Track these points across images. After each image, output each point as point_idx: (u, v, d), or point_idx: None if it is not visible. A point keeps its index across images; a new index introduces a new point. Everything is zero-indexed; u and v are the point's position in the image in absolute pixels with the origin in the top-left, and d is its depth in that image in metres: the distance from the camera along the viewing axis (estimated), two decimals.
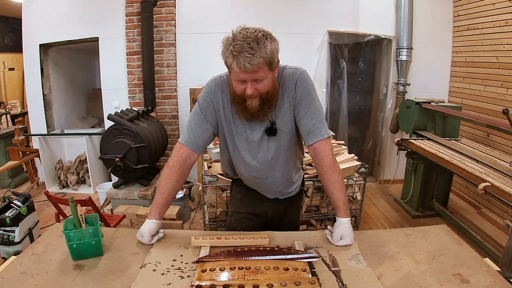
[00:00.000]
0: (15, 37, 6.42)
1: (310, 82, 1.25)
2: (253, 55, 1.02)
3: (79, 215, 1.18)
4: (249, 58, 1.02)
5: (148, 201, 3.07)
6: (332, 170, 1.25)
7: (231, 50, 1.04)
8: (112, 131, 3.00)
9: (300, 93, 1.23)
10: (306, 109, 1.23)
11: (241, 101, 1.16)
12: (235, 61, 1.03)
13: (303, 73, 1.24)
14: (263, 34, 1.06)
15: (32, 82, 4.01)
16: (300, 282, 1.00)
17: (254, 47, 1.02)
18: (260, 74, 1.08)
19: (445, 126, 3.29)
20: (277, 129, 1.25)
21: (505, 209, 2.99)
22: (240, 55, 1.02)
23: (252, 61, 1.02)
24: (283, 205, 1.48)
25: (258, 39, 1.04)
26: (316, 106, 1.25)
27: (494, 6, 3.24)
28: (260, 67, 1.05)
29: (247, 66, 1.03)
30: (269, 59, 1.06)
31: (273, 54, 1.07)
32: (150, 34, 3.58)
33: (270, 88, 1.15)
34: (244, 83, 1.11)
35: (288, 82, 1.23)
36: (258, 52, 1.03)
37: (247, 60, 1.02)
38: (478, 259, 1.15)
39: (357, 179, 2.49)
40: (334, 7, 3.77)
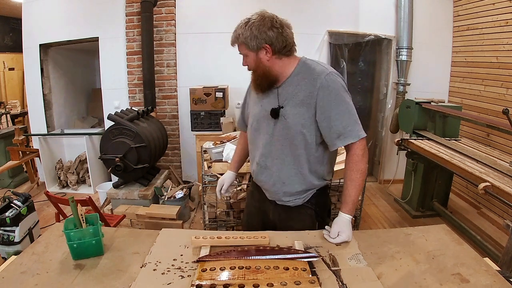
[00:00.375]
0: (15, 37, 6.42)
1: (339, 82, 1.24)
2: (235, 32, 1.26)
3: (80, 215, 1.18)
4: (232, 35, 1.27)
5: (148, 201, 3.07)
6: (356, 169, 1.26)
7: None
8: (112, 131, 3.00)
9: (327, 94, 1.22)
10: (334, 110, 1.22)
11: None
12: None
13: (331, 73, 1.23)
14: (251, 20, 1.24)
15: (32, 82, 4.01)
16: (300, 281, 1.00)
17: (238, 28, 1.25)
18: (241, 51, 1.28)
19: (445, 126, 3.29)
20: (281, 114, 1.27)
21: (505, 209, 2.99)
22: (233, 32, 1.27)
23: (232, 37, 1.27)
24: (283, 214, 1.42)
25: (247, 23, 1.24)
26: (347, 108, 1.24)
27: (494, 6, 3.24)
28: (237, 43, 1.27)
29: (230, 40, 1.29)
30: (243, 40, 1.24)
31: (247, 38, 1.23)
32: (150, 34, 3.58)
33: (253, 65, 1.29)
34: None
35: (311, 77, 1.25)
36: (237, 31, 1.25)
37: (232, 36, 1.28)
38: (478, 259, 1.15)
39: None
40: (334, 7, 3.77)
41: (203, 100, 3.39)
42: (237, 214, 2.44)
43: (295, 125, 1.26)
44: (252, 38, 1.22)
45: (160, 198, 3.11)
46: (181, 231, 1.41)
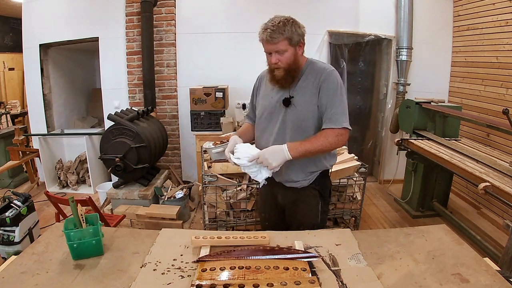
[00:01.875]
0: (15, 37, 6.42)
1: (338, 79, 1.47)
2: (273, 31, 1.37)
3: (80, 215, 1.18)
4: (270, 33, 1.37)
5: (148, 201, 3.07)
6: (325, 139, 1.41)
7: (262, 28, 1.41)
8: (112, 131, 3.00)
9: (328, 85, 1.44)
10: (330, 99, 1.44)
11: (271, 71, 1.48)
12: (263, 35, 1.40)
13: (333, 71, 1.48)
14: (286, 19, 1.41)
15: (32, 82, 4.01)
16: (300, 281, 1.00)
17: (275, 25, 1.37)
18: (280, 47, 1.39)
19: (445, 126, 3.29)
20: (292, 103, 1.48)
21: (505, 209, 2.99)
22: (265, 31, 1.39)
23: (272, 34, 1.37)
24: (292, 196, 1.60)
25: (280, 21, 1.39)
26: (340, 100, 1.45)
27: (494, 6, 3.24)
28: (280, 40, 1.38)
29: (268, 38, 1.38)
30: (288, 36, 1.38)
31: (291, 33, 1.39)
32: (150, 34, 3.58)
33: (291, 60, 1.43)
34: (271, 55, 1.44)
35: (317, 71, 1.47)
36: (277, 29, 1.37)
37: (269, 34, 1.38)
38: (478, 259, 1.15)
39: (357, 179, 2.50)
40: (334, 7, 3.77)
41: (203, 100, 3.39)
42: (237, 214, 2.44)
43: (303, 111, 1.47)
44: (295, 34, 1.40)
45: (160, 198, 3.11)
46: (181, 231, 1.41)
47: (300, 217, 1.60)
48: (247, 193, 2.36)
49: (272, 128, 1.55)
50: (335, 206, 2.56)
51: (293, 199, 1.60)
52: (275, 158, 1.38)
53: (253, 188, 2.37)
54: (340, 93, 1.46)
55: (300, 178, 1.55)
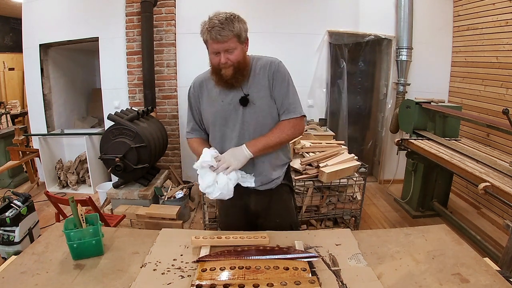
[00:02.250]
0: (15, 37, 6.42)
1: (286, 69, 1.47)
2: (222, 29, 1.28)
3: (80, 215, 1.18)
4: (219, 31, 1.28)
5: (148, 201, 3.07)
6: (282, 131, 1.41)
7: (206, 27, 1.31)
8: (112, 131, 3.00)
9: (279, 76, 1.42)
10: (284, 90, 1.43)
11: (218, 71, 1.39)
12: (209, 35, 1.30)
13: (280, 62, 1.46)
14: (231, 15, 1.33)
15: (32, 82, 4.01)
16: (300, 281, 1.00)
17: (224, 23, 1.29)
18: (230, 45, 1.31)
19: (445, 126, 3.29)
20: (250, 100, 1.41)
21: (505, 209, 2.99)
22: (213, 30, 1.28)
23: (222, 32, 1.28)
24: (265, 199, 1.53)
25: (227, 18, 1.30)
26: (293, 90, 1.46)
27: (494, 6, 3.24)
28: (230, 38, 1.29)
29: (218, 37, 1.28)
30: (237, 33, 1.31)
31: (240, 30, 1.32)
32: (150, 34, 3.58)
33: (241, 58, 1.36)
34: (218, 54, 1.35)
35: (265, 65, 1.43)
36: (227, 26, 1.28)
37: (218, 32, 1.28)
38: (478, 259, 1.15)
39: (357, 179, 2.50)
40: (334, 7, 3.77)
41: None
42: None
43: (262, 107, 1.42)
44: (243, 30, 1.34)
45: (160, 198, 3.11)
46: (181, 231, 1.41)
47: (277, 218, 1.55)
48: None
49: (230, 133, 1.45)
50: (335, 206, 2.57)
51: (267, 202, 1.54)
52: (235, 158, 1.34)
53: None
54: (291, 83, 1.46)
55: (275, 175, 1.51)
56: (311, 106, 3.93)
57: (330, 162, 2.42)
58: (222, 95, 1.45)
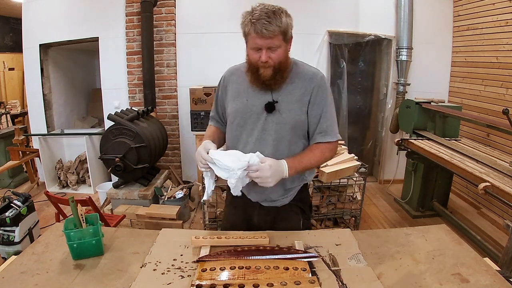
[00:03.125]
0: (15, 37, 6.42)
1: (328, 85, 1.34)
2: (269, 23, 1.12)
3: (80, 215, 1.18)
4: (266, 25, 1.12)
5: (148, 201, 3.07)
6: (321, 155, 1.28)
7: (250, 18, 1.14)
8: (112, 131, 3.00)
9: (321, 92, 1.28)
10: (324, 109, 1.29)
11: (255, 70, 1.23)
12: (253, 27, 1.13)
13: (323, 75, 1.33)
14: (279, 8, 1.17)
15: (32, 82, 4.01)
16: (300, 281, 1.00)
17: (271, 16, 1.13)
18: (275, 42, 1.16)
19: (445, 126, 3.29)
20: (276, 108, 1.26)
21: (505, 209, 2.99)
22: (258, 22, 1.12)
23: (268, 27, 1.12)
24: (270, 216, 1.39)
25: (275, 11, 1.15)
26: (332, 110, 1.31)
27: (494, 6, 3.24)
28: (276, 34, 1.14)
29: (263, 31, 1.12)
30: (284, 29, 1.16)
31: (287, 26, 1.17)
32: (150, 34, 3.58)
33: (283, 58, 1.21)
34: (259, 51, 1.18)
35: (306, 76, 1.29)
36: (274, 21, 1.13)
37: (264, 26, 1.12)
38: (478, 259, 1.15)
39: (357, 179, 2.50)
40: (334, 7, 3.77)
41: (203, 100, 3.39)
42: None
43: (289, 119, 1.27)
44: (290, 27, 1.19)
45: (160, 198, 3.11)
46: (181, 231, 1.41)
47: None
48: None
49: (247, 137, 1.30)
50: (335, 206, 2.56)
51: (271, 219, 1.39)
52: (274, 176, 1.16)
53: None
54: (332, 101, 1.31)
55: (280, 195, 1.35)
56: None
57: (330, 162, 2.42)
58: (249, 94, 1.30)
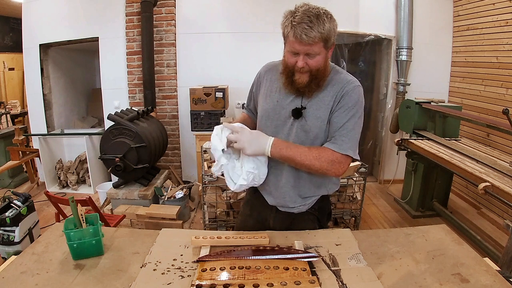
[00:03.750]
0: (15, 37, 6.41)
1: (362, 99, 1.21)
2: (311, 28, 1.04)
3: (80, 215, 1.18)
4: (306, 30, 1.04)
5: (148, 201, 3.07)
6: (319, 153, 1.16)
7: (291, 20, 1.08)
8: (112, 131, 3.00)
9: (348, 101, 1.18)
10: (344, 119, 1.18)
11: (290, 74, 1.18)
12: (292, 31, 1.07)
13: (359, 86, 1.21)
14: (324, 12, 1.09)
15: (32, 82, 4.01)
16: (300, 281, 1.00)
17: (313, 21, 1.05)
18: (314, 49, 1.09)
19: (445, 126, 3.29)
20: (303, 115, 1.20)
21: (505, 209, 2.99)
22: (299, 26, 1.05)
23: (309, 33, 1.04)
24: (285, 221, 1.36)
25: (318, 15, 1.06)
26: (356, 124, 1.19)
27: (494, 6, 3.24)
28: (316, 41, 1.07)
29: (303, 37, 1.05)
30: (326, 36, 1.07)
31: (330, 33, 1.08)
32: (150, 34, 3.58)
33: (322, 65, 1.13)
34: (297, 55, 1.13)
35: (339, 83, 1.20)
36: (316, 26, 1.05)
37: (304, 31, 1.04)
38: (478, 259, 1.15)
39: (357, 179, 2.50)
40: (334, 7, 3.70)
41: (203, 100, 3.39)
42: (237, 214, 2.44)
43: (314, 128, 1.21)
44: (333, 34, 1.10)
45: (160, 198, 3.11)
46: (181, 231, 1.41)
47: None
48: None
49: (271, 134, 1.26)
50: (335, 206, 2.56)
51: (287, 224, 1.36)
52: (252, 144, 1.13)
53: None
54: (357, 115, 1.19)
55: (297, 204, 1.32)
56: None
57: None
58: (280, 95, 1.25)
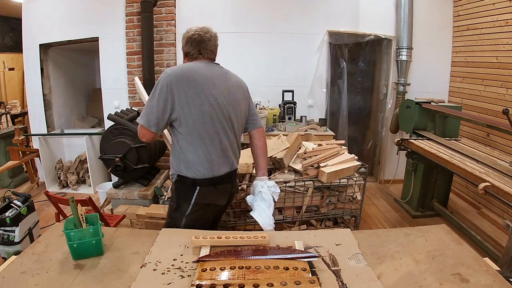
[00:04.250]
0: (15, 37, 6.42)
1: (162, 78, 1.57)
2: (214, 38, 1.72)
3: (80, 215, 1.18)
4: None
5: (148, 201, 3.07)
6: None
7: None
8: (112, 131, 3.00)
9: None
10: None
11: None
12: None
13: (165, 72, 1.62)
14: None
15: (32, 82, 4.01)
16: (300, 281, 1.00)
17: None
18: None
19: (445, 126, 3.29)
20: None
21: (505, 209, 2.99)
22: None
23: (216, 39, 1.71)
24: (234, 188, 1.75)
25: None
26: (150, 97, 1.53)
27: (494, 6, 3.24)
28: None
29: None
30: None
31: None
32: (150, 34, 3.58)
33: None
34: None
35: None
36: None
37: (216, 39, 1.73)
38: (478, 259, 1.15)
39: (357, 179, 2.49)
40: (334, 7, 3.77)
41: None
42: (237, 214, 2.44)
43: None
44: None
45: (160, 198, 3.11)
46: (181, 231, 1.41)
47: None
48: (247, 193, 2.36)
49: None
50: (335, 206, 2.56)
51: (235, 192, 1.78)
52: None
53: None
54: (155, 90, 1.51)
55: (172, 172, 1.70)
56: (311, 106, 3.93)
57: (330, 162, 2.42)
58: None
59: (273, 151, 2.40)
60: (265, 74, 3.79)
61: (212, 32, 1.64)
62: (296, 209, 2.47)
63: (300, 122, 3.63)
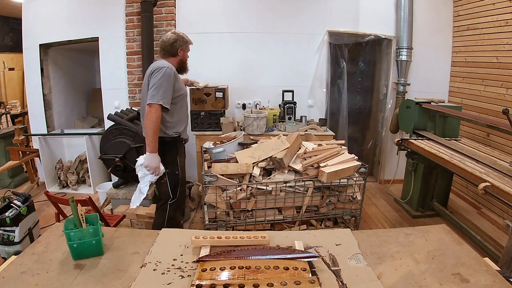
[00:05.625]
0: (15, 37, 6.42)
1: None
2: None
3: (80, 215, 1.18)
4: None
5: (148, 201, 3.07)
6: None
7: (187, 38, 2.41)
8: (112, 131, 3.00)
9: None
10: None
11: (186, 64, 2.50)
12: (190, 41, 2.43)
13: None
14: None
15: (32, 82, 4.01)
16: (300, 281, 1.00)
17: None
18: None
19: (445, 126, 3.29)
20: None
21: (505, 209, 2.99)
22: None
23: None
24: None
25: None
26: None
27: (494, 6, 3.24)
28: None
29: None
30: None
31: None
32: (150, 34, 3.58)
33: None
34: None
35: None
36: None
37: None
38: (478, 259, 1.15)
39: (357, 179, 2.49)
40: (334, 7, 3.77)
41: (203, 100, 3.39)
42: (237, 214, 2.44)
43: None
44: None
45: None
46: (181, 231, 1.41)
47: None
48: (247, 193, 2.36)
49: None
50: (335, 206, 2.56)
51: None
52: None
53: (253, 188, 2.37)
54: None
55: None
56: (311, 106, 3.93)
57: (330, 162, 2.42)
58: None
59: (273, 151, 2.40)
60: (265, 74, 3.79)
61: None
62: (296, 209, 2.47)
63: (300, 122, 3.63)
